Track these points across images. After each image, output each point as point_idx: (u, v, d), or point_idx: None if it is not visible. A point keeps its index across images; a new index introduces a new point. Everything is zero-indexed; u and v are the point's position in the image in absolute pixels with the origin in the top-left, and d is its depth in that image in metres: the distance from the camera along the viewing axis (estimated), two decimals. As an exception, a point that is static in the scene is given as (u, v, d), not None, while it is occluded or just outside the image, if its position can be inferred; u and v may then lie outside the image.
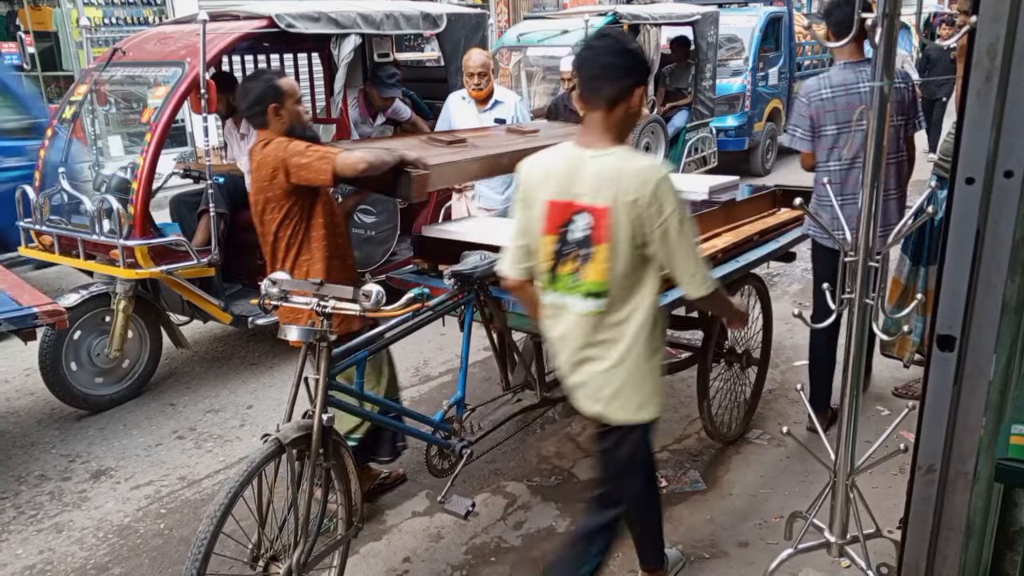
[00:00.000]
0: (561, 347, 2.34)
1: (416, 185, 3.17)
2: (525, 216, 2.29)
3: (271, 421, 4.20)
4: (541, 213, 2.23)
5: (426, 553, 3.17)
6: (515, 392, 3.52)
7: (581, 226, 2.17)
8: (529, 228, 2.29)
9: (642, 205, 2.08)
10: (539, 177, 2.26)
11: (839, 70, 3.48)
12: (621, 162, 2.13)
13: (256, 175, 3.01)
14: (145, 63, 4.81)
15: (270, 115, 3.02)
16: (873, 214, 2.18)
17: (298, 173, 2.93)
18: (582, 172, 2.16)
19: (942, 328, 1.67)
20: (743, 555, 3.07)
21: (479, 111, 5.01)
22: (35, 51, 10.87)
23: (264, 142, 3.02)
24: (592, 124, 2.19)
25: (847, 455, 2.40)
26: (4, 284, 3.82)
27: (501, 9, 16.17)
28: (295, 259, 3.07)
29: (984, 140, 1.55)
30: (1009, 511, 1.81)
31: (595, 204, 2.13)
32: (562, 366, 2.37)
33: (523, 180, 2.31)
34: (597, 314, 2.21)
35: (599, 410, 2.31)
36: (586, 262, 2.18)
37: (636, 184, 2.08)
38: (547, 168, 2.25)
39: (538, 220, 2.24)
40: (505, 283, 2.47)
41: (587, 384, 2.31)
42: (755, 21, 10.39)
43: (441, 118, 5.27)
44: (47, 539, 3.35)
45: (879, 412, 4.07)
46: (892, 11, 1.96)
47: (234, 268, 4.98)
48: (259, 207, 3.05)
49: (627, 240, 2.12)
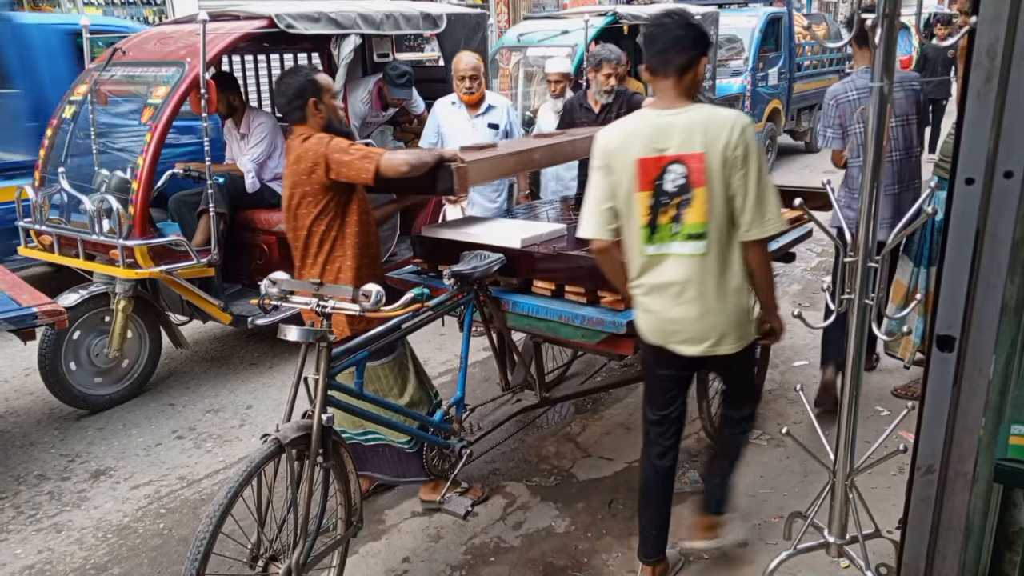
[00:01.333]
0: (662, 294, 2.48)
1: (457, 177, 3.17)
2: (608, 181, 2.46)
3: (270, 421, 4.20)
4: (631, 172, 2.41)
5: (425, 553, 3.17)
6: (514, 392, 3.53)
7: (676, 175, 2.36)
8: (614, 191, 2.46)
9: (730, 147, 2.30)
10: (620, 142, 2.44)
11: (861, 74, 3.76)
12: (708, 113, 2.37)
13: (293, 168, 3.00)
14: (145, 63, 4.81)
15: (309, 109, 3.01)
16: (872, 214, 2.18)
17: (339, 170, 2.93)
18: (668, 128, 2.36)
19: (942, 328, 1.67)
20: (742, 555, 3.07)
21: (471, 116, 4.83)
22: (35, 51, 10.85)
23: (303, 136, 3.01)
24: (665, 91, 2.42)
25: (846, 455, 2.40)
26: (3, 284, 3.82)
27: (501, 9, 16.17)
28: (328, 254, 3.06)
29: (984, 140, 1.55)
30: (1008, 511, 1.81)
31: (688, 152, 2.33)
32: (661, 311, 2.50)
33: (602, 149, 2.48)
34: (701, 256, 2.39)
35: (707, 347, 2.49)
36: (686, 207, 2.37)
37: (725, 129, 2.31)
38: (628, 131, 2.44)
39: (628, 180, 2.42)
40: (592, 246, 2.58)
41: (696, 323, 2.46)
42: (755, 21, 10.39)
43: (428, 126, 5.04)
44: (46, 539, 3.34)
45: (878, 412, 4.07)
46: (892, 12, 1.96)
47: (234, 268, 4.98)
48: (293, 201, 3.03)
49: (720, 182, 2.34)
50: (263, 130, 5.10)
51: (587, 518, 3.35)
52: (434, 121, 4.96)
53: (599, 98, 4.77)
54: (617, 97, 4.76)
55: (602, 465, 3.76)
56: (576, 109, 4.88)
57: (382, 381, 3.14)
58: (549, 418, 4.21)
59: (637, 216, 2.43)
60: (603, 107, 4.76)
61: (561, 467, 3.76)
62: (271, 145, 5.12)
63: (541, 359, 3.59)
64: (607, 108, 4.74)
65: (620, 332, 2.89)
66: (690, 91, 2.41)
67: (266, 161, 5.13)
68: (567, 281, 3.12)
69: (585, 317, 2.98)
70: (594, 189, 2.51)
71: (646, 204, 2.40)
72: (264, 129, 5.10)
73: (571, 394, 3.87)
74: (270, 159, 5.15)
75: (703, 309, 2.44)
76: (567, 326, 3.06)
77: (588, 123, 4.75)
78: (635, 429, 4.09)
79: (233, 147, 5.28)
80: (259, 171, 5.07)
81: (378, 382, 3.13)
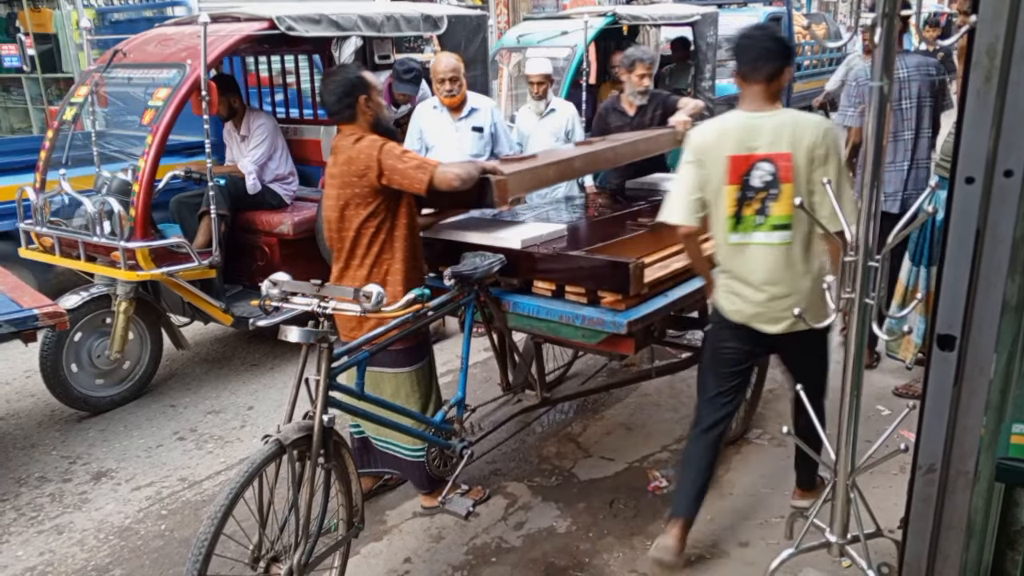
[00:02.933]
0: (748, 279, 2.71)
1: (497, 191, 3.17)
2: (699, 174, 2.71)
3: (272, 422, 4.20)
4: (723, 168, 2.65)
5: (427, 553, 3.17)
6: (515, 393, 3.53)
7: (764, 172, 2.59)
8: (704, 183, 2.71)
9: (815, 148, 2.56)
10: (714, 139, 2.69)
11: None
12: (795, 117, 2.63)
13: (344, 169, 2.96)
14: (146, 65, 4.81)
15: (360, 107, 2.98)
16: (873, 214, 2.18)
17: (391, 176, 2.91)
18: (758, 129, 2.60)
19: (942, 328, 1.67)
20: (744, 555, 3.07)
21: (454, 120, 4.58)
22: (35, 53, 10.87)
23: (355, 137, 2.97)
24: (754, 95, 2.68)
25: (848, 455, 2.40)
26: (4, 286, 3.83)
27: (501, 10, 16.18)
28: (376, 256, 3.03)
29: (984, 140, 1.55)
30: (1010, 510, 1.81)
31: (777, 151, 2.57)
32: (748, 295, 2.73)
33: (696, 145, 2.74)
34: (786, 245, 2.65)
35: (788, 325, 2.71)
36: (772, 200, 2.60)
37: (811, 132, 2.57)
38: (722, 130, 2.69)
39: (718, 174, 2.66)
40: (679, 231, 2.81)
41: (779, 304, 2.70)
42: (755, 21, 10.35)
43: (409, 132, 4.77)
44: (48, 541, 3.35)
45: (879, 412, 4.07)
46: (892, 11, 1.96)
47: (235, 269, 4.99)
48: (340, 201, 3.00)
49: (804, 178, 2.58)
50: (263, 131, 5.10)
51: (588, 518, 3.35)
52: (415, 127, 4.74)
53: (633, 99, 4.69)
54: (652, 99, 4.69)
55: (603, 465, 3.76)
56: (610, 113, 4.82)
57: (410, 387, 3.17)
58: (550, 418, 4.21)
59: (724, 207, 2.68)
60: (638, 109, 4.69)
61: (562, 467, 3.76)
62: (271, 146, 5.12)
63: (542, 359, 3.59)
64: (642, 110, 4.68)
65: (620, 332, 2.89)
66: (776, 96, 2.67)
67: (267, 163, 5.14)
68: (567, 282, 3.12)
69: (586, 317, 2.98)
70: (685, 180, 2.75)
71: (733, 197, 2.65)
72: (264, 131, 5.11)
73: (572, 394, 3.87)
74: (271, 160, 5.15)
75: (786, 291, 2.68)
76: (568, 326, 3.06)
77: (623, 126, 4.70)
78: (636, 429, 4.09)
79: (233, 149, 5.28)
80: (260, 172, 5.07)
81: (407, 388, 3.17)
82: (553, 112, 5.22)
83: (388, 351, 3.00)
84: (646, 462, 3.77)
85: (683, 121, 4.35)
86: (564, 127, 5.20)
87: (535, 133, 5.21)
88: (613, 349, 3.16)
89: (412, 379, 3.17)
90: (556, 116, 5.21)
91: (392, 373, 3.13)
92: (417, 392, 3.18)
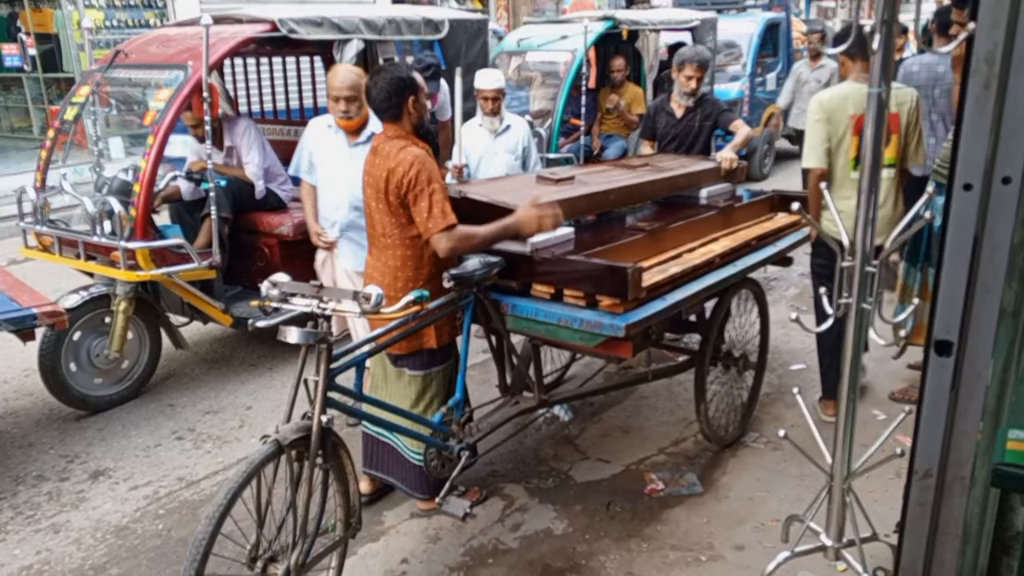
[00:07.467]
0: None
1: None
2: (827, 129, 3.63)
3: (270, 422, 4.20)
4: (847, 123, 3.60)
5: (424, 554, 3.18)
6: (513, 394, 3.53)
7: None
8: (831, 136, 3.63)
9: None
10: (839, 103, 3.63)
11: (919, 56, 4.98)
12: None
13: (380, 175, 2.97)
14: (147, 66, 4.82)
15: (407, 107, 2.98)
16: (870, 219, 2.19)
17: (410, 205, 2.94)
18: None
19: (939, 333, 1.67)
20: (740, 558, 3.08)
21: (350, 144, 3.94)
22: (36, 53, 10.88)
23: (400, 145, 2.96)
24: (860, 69, 3.64)
25: (844, 459, 2.41)
26: (3, 285, 3.83)
27: (501, 14, 16.21)
28: (401, 254, 3.08)
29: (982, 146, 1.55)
30: (1005, 516, 1.82)
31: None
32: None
33: (823, 106, 3.65)
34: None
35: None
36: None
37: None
38: (844, 96, 3.64)
39: (844, 128, 3.61)
40: (812, 172, 3.70)
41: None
42: (753, 27, 10.42)
43: (299, 147, 4.17)
44: (44, 539, 3.35)
45: (876, 416, 4.08)
46: (891, 17, 1.97)
47: (235, 270, 4.99)
48: (371, 200, 3.05)
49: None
50: (250, 134, 5.03)
51: (585, 520, 3.36)
52: (304, 144, 4.16)
53: (682, 100, 4.68)
54: (703, 104, 4.66)
55: (600, 467, 3.77)
56: (659, 113, 4.82)
57: (432, 387, 3.21)
58: (547, 420, 4.22)
59: (847, 152, 3.63)
60: (686, 111, 4.67)
61: (559, 469, 3.76)
62: (261, 145, 5.08)
63: (540, 362, 3.59)
64: (690, 113, 4.67)
65: (618, 335, 2.90)
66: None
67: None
68: (566, 285, 3.13)
69: (584, 320, 2.99)
70: (816, 134, 3.65)
71: (855, 144, 3.59)
72: (250, 133, 5.04)
73: (569, 396, 3.88)
74: (266, 159, 5.12)
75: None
76: (566, 329, 3.06)
77: (671, 127, 4.72)
78: (633, 432, 4.10)
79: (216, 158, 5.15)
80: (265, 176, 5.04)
81: (430, 388, 3.21)
82: (508, 129, 4.74)
83: (420, 352, 3.12)
84: (643, 465, 3.78)
85: (730, 159, 4.31)
86: (520, 143, 4.76)
87: (489, 153, 4.70)
88: (611, 352, 3.17)
89: (438, 379, 3.23)
90: (511, 133, 4.74)
91: (421, 375, 3.20)
92: (433, 392, 3.23)
